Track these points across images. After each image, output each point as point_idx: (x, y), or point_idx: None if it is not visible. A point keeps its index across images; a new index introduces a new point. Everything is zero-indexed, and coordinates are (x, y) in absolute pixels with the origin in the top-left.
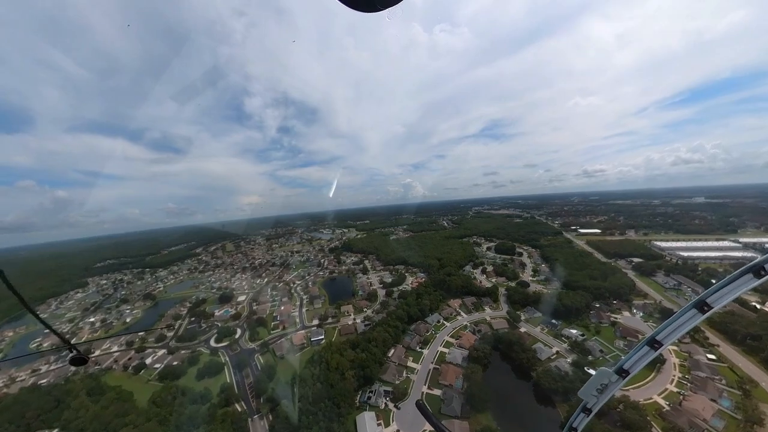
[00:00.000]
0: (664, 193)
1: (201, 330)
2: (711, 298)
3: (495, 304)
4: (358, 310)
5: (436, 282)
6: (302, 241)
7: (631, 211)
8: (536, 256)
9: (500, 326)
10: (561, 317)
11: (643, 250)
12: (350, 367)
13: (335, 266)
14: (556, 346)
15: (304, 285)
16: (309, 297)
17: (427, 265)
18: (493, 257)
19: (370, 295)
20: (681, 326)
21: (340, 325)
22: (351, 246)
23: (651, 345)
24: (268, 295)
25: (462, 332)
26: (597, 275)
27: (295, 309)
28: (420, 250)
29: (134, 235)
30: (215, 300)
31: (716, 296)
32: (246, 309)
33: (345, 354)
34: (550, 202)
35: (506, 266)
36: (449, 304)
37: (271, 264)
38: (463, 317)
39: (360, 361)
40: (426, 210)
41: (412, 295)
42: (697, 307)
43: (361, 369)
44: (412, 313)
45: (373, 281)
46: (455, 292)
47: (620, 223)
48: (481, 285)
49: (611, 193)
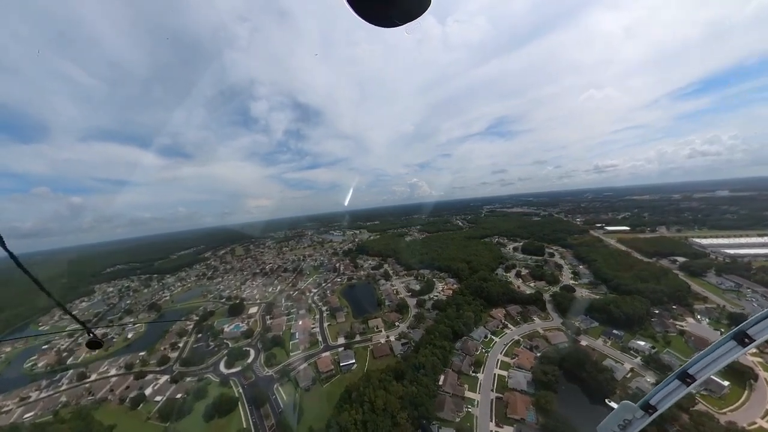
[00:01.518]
0: (681, 187)
1: (209, 350)
2: (753, 329)
3: (543, 314)
4: (389, 325)
5: (472, 289)
6: (313, 243)
7: (654, 206)
8: (569, 256)
9: (558, 340)
10: (621, 326)
11: (684, 248)
12: (400, 406)
13: (353, 271)
14: (627, 361)
15: (321, 294)
16: (329, 308)
17: (456, 269)
18: (523, 258)
19: (400, 305)
20: (717, 360)
21: (372, 344)
22: (366, 248)
23: (683, 379)
24: (282, 306)
25: (516, 349)
26: (647, 277)
27: (315, 324)
28: (443, 253)
29: (145, 239)
30: (224, 312)
31: (759, 327)
32: (259, 324)
33: (390, 387)
34: (563, 199)
35: (541, 268)
36: (492, 314)
37: (283, 269)
38: (511, 330)
39: (411, 396)
40: (435, 209)
41: (451, 307)
42: (736, 339)
43: (414, 407)
44: (456, 328)
45: (398, 289)
46: (495, 300)
47: (647, 220)
48: (520, 291)
49: (625, 189)
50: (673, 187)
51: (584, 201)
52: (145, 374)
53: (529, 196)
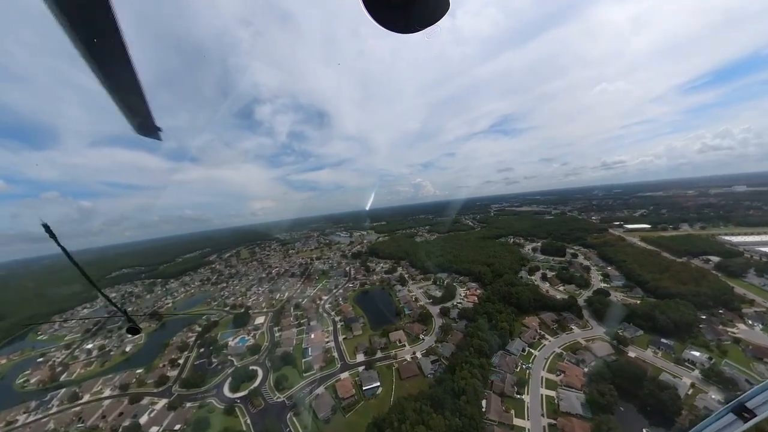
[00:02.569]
0: (692, 182)
1: (212, 368)
2: None
3: (581, 321)
4: (413, 338)
5: (499, 295)
6: (320, 245)
7: (671, 203)
8: (594, 257)
9: (603, 351)
10: (668, 334)
11: (715, 246)
12: None
13: (365, 276)
14: (685, 375)
15: (333, 301)
16: (343, 318)
17: (477, 272)
18: (545, 260)
19: (422, 315)
20: None
21: (396, 362)
22: (377, 250)
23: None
24: (291, 315)
25: (560, 364)
26: (685, 278)
27: (329, 337)
28: (459, 254)
29: (153, 242)
30: (228, 322)
31: None
32: (266, 337)
33: (430, 421)
34: (572, 197)
35: (567, 271)
36: (525, 323)
37: (290, 274)
38: (549, 342)
39: (455, 430)
40: (441, 209)
41: (481, 316)
42: None
43: None
44: (490, 341)
45: (417, 295)
46: (526, 306)
47: (666, 217)
48: (551, 296)
49: (635, 185)
50: (684, 182)
51: (595, 198)
52: (141, 397)
53: (536, 195)
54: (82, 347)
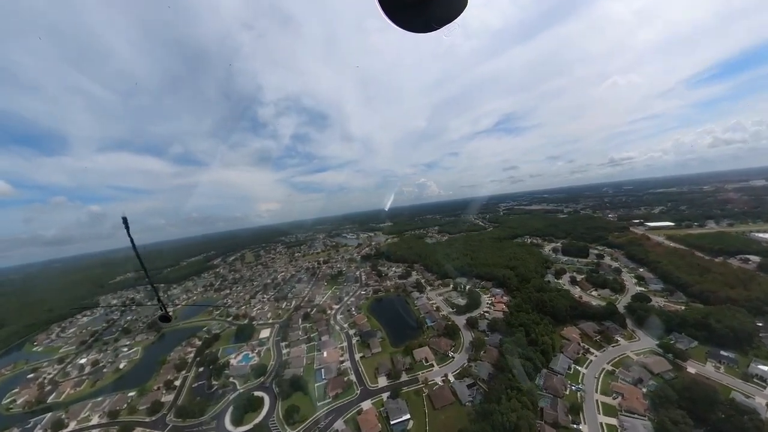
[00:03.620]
0: (705, 177)
1: (211, 392)
2: None
3: (625, 331)
4: (441, 357)
5: (531, 303)
6: (327, 248)
7: (688, 199)
8: (622, 257)
9: (660, 367)
10: (726, 345)
11: (752, 244)
12: None
13: (377, 281)
14: (756, 393)
15: (345, 311)
16: (358, 332)
17: (500, 277)
18: (569, 261)
19: (448, 328)
20: None
21: (426, 386)
22: (387, 253)
23: None
24: (299, 328)
25: (615, 384)
26: (731, 281)
27: (344, 355)
28: (477, 257)
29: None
30: (231, 335)
31: None
32: (273, 354)
33: None
34: (581, 195)
35: (597, 273)
36: (564, 335)
37: (296, 279)
38: (595, 356)
39: None
40: (447, 209)
41: (517, 329)
42: None
43: None
44: (536, 359)
45: (437, 303)
46: (563, 315)
47: (688, 214)
48: (585, 302)
49: (645, 182)
50: (695, 178)
51: (605, 196)
52: (131, 427)
53: (543, 193)
54: (75, 362)
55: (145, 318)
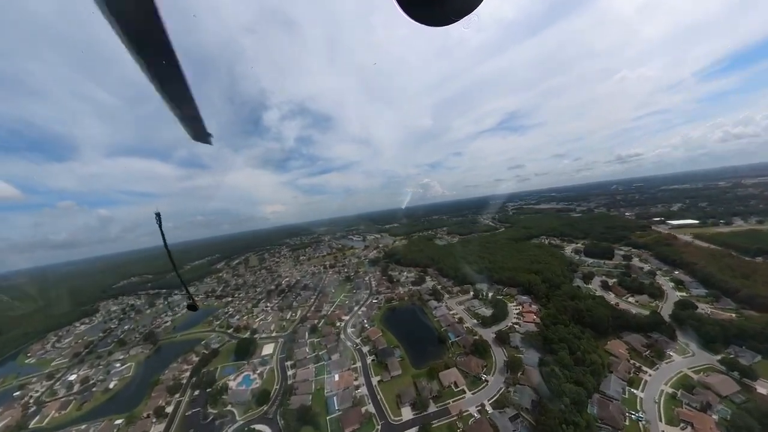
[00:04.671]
0: (718, 173)
1: (207, 422)
2: None
3: (676, 344)
4: (473, 380)
5: (566, 312)
6: (332, 251)
7: (707, 195)
8: (651, 258)
9: (728, 389)
10: None
11: None
12: None
13: (389, 288)
14: None
15: (356, 323)
16: (372, 349)
17: (525, 282)
18: (595, 264)
19: (476, 345)
20: None
21: (459, 418)
22: (397, 256)
23: None
24: (305, 343)
25: (680, 411)
26: None
27: (358, 378)
28: (494, 260)
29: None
30: (231, 350)
31: None
32: (276, 376)
33: None
34: (590, 193)
35: (629, 277)
36: (609, 350)
37: (302, 285)
38: (649, 375)
39: None
40: (452, 209)
41: (558, 345)
42: None
43: None
44: (586, 382)
45: (459, 313)
46: (604, 327)
47: (711, 211)
48: (625, 310)
49: (654, 178)
50: (707, 173)
51: (617, 193)
52: None
53: (549, 192)
54: (64, 378)
55: (143, 328)
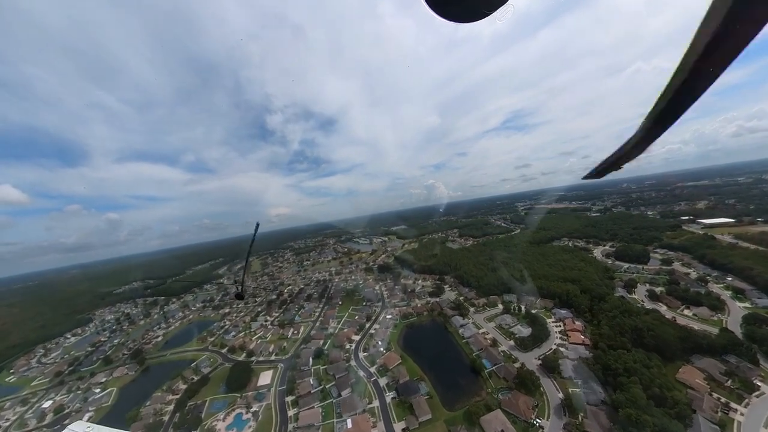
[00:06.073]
0: (734, 169)
1: None
2: None
3: (761, 371)
4: (523, 427)
5: (621, 331)
6: (338, 255)
7: (732, 192)
8: (695, 262)
9: None
10: None
11: None
12: None
13: (403, 299)
14: None
15: (369, 346)
16: (392, 382)
17: (562, 293)
18: (632, 269)
19: (522, 377)
20: None
21: None
22: (407, 261)
23: None
24: (309, 372)
25: None
26: None
27: (377, 425)
28: (519, 265)
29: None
30: (223, 377)
31: None
32: (275, 417)
33: None
34: (603, 191)
35: (677, 285)
36: (682, 379)
37: (305, 296)
38: (740, 414)
39: None
40: (458, 209)
41: (625, 377)
42: None
43: None
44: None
45: (490, 333)
46: (672, 350)
47: (743, 209)
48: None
49: (666, 175)
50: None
51: (631, 191)
52: None
53: (558, 190)
54: (39, 405)
55: (132, 343)
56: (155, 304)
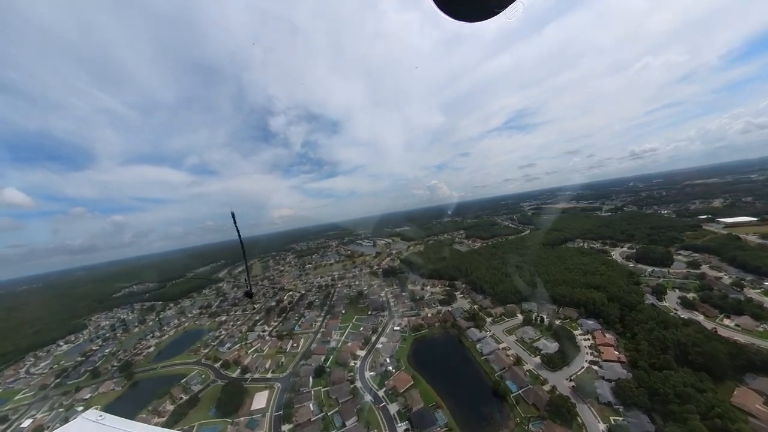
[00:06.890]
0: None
1: None
2: None
3: None
4: None
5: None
6: (341, 258)
7: (747, 190)
8: (724, 265)
9: None
10: None
11: None
12: None
13: (412, 308)
14: None
15: (376, 363)
16: (404, 409)
17: (587, 301)
18: (656, 272)
19: (555, 404)
20: None
21: None
22: (414, 265)
23: None
24: (309, 394)
25: None
26: None
27: None
28: (536, 270)
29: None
30: (214, 397)
31: None
32: None
33: None
34: (609, 190)
35: (711, 290)
36: (737, 404)
37: (306, 303)
38: None
39: None
40: (465, 210)
41: (677, 403)
42: None
43: None
44: None
45: (511, 348)
46: (722, 369)
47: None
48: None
49: (673, 173)
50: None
51: (639, 190)
52: None
53: (563, 190)
54: (18, 424)
55: (123, 353)
56: (152, 310)
